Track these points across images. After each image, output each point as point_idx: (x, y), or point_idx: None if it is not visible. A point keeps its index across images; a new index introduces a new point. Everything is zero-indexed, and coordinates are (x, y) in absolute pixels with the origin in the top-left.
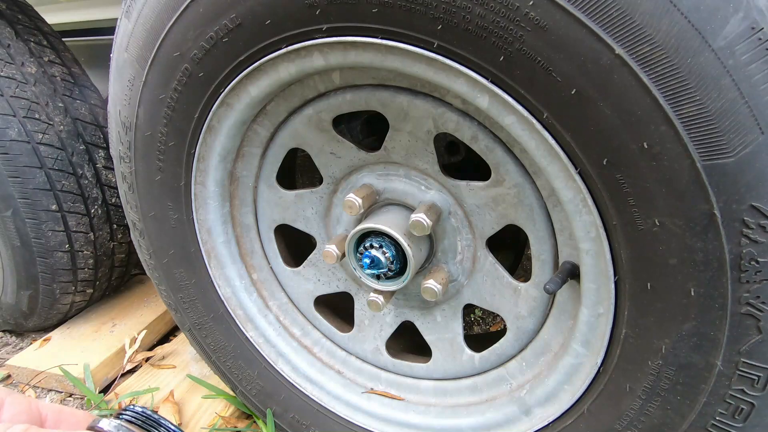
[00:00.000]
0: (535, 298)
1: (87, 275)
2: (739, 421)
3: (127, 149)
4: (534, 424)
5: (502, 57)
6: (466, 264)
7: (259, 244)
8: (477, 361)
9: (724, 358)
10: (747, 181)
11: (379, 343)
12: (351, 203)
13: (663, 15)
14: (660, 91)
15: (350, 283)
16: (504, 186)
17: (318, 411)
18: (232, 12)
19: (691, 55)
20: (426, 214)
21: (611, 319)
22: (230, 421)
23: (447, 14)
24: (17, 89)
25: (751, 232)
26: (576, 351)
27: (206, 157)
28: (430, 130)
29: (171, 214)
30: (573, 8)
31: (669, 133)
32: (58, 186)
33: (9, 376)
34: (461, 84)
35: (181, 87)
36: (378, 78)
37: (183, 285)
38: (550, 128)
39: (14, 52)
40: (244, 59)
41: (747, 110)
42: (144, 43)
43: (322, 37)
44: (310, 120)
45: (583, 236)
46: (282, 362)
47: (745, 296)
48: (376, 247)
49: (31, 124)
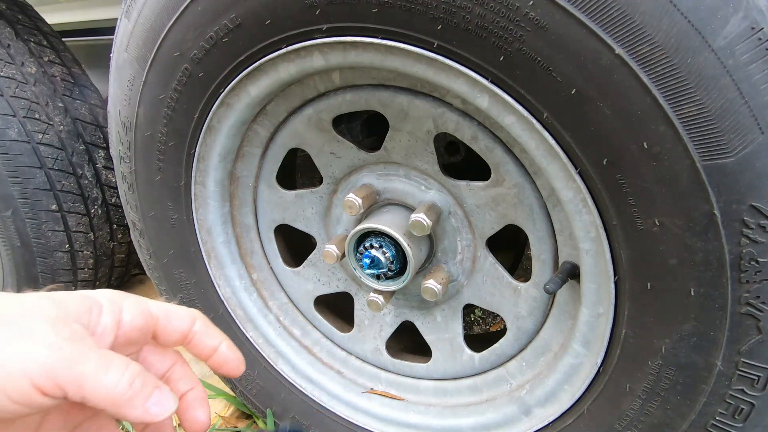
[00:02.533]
0: (535, 298)
1: (87, 275)
2: (739, 421)
3: (127, 149)
4: (534, 424)
5: (502, 57)
6: (466, 264)
7: (259, 244)
8: (477, 361)
9: (724, 358)
10: (747, 181)
11: (379, 343)
12: (351, 203)
13: (663, 15)
14: (660, 91)
15: (350, 283)
16: (504, 186)
17: (318, 411)
18: (232, 12)
19: (691, 55)
20: (426, 214)
21: (611, 319)
22: (230, 421)
23: (447, 14)
24: (17, 89)
25: (751, 232)
26: (576, 351)
27: (206, 157)
28: (430, 130)
29: (171, 214)
30: (573, 8)
31: (669, 133)
32: (58, 186)
33: None
34: (461, 84)
35: (181, 87)
36: (378, 78)
37: (183, 285)
38: (550, 128)
39: (14, 52)
40: (244, 59)
41: (747, 110)
42: (144, 43)
43: (322, 37)
44: (310, 120)
45: (583, 236)
46: (282, 362)
47: (745, 296)
48: (376, 247)
49: (31, 124)
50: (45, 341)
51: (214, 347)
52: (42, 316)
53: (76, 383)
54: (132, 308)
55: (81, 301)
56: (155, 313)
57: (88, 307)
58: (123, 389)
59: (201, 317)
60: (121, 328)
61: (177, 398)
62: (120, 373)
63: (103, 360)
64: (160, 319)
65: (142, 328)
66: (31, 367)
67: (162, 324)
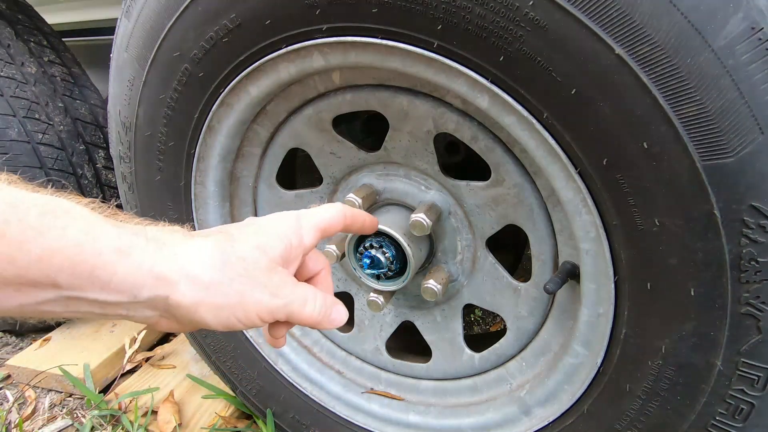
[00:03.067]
0: (535, 298)
1: None
2: (739, 421)
3: (127, 149)
4: (534, 424)
5: (502, 57)
6: (466, 264)
7: None
8: (477, 361)
9: (724, 358)
10: (747, 181)
11: (379, 343)
12: (351, 203)
13: (663, 15)
14: (660, 91)
15: (350, 283)
16: (504, 186)
17: (318, 411)
18: (232, 12)
19: (691, 55)
20: (426, 214)
21: (611, 319)
22: (230, 421)
23: (447, 14)
24: (17, 89)
25: (751, 232)
26: (576, 351)
27: (206, 157)
28: (430, 130)
29: (171, 214)
30: (573, 8)
31: (669, 133)
32: (59, 186)
33: (9, 376)
34: (461, 84)
35: (181, 87)
36: (378, 78)
37: None
38: (550, 128)
39: (14, 52)
40: (244, 59)
41: (747, 110)
42: (144, 43)
43: (322, 37)
44: (310, 120)
45: (583, 236)
46: (282, 362)
47: (745, 296)
48: (376, 247)
49: (31, 124)
50: (267, 290)
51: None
52: (262, 269)
53: (286, 316)
54: (309, 234)
55: (280, 242)
56: (322, 227)
57: (285, 246)
58: (317, 315)
59: (347, 209)
60: (305, 251)
61: (346, 309)
62: (313, 305)
63: (302, 297)
64: (325, 231)
65: (315, 245)
66: (260, 309)
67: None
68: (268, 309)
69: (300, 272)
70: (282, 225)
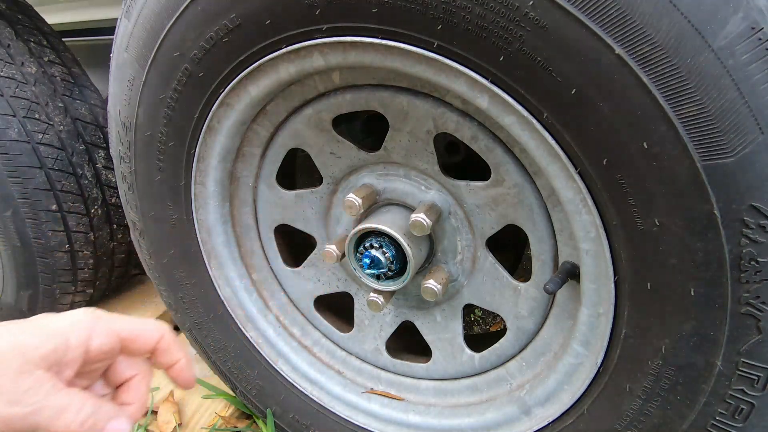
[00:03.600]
0: (535, 298)
1: (87, 275)
2: (739, 421)
3: (127, 149)
4: (534, 424)
5: (502, 57)
6: (466, 264)
7: (259, 244)
8: (477, 361)
9: (724, 358)
10: (747, 181)
11: (379, 343)
12: (351, 203)
13: (663, 15)
14: (660, 91)
15: (350, 283)
16: (504, 186)
17: (318, 411)
18: (232, 12)
19: (691, 55)
20: (426, 214)
21: (611, 319)
22: (230, 421)
23: (447, 14)
24: (17, 89)
25: (751, 232)
26: (576, 351)
27: (206, 157)
28: (430, 130)
29: (171, 214)
30: (573, 8)
31: (669, 133)
32: (58, 186)
33: None
34: (461, 84)
35: (181, 87)
36: (378, 78)
37: (183, 285)
38: (550, 128)
39: (14, 52)
40: (244, 59)
41: (747, 110)
42: (144, 43)
43: (322, 37)
44: (310, 120)
45: (583, 236)
46: (282, 362)
47: (745, 296)
48: (376, 247)
49: (31, 124)
50: (4, 398)
51: (174, 362)
52: (11, 372)
53: (31, 427)
54: (101, 335)
55: (47, 341)
56: (124, 335)
57: (53, 347)
58: (77, 428)
59: (168, 333)
60: (89, 353)
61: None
62: (74, 416)
63: (58, 406)
64: (127, 340)
65: (110, 350)
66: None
67: (129, 344)
68: (4, 420)
69: (107, 377)
70: (66, 321)
